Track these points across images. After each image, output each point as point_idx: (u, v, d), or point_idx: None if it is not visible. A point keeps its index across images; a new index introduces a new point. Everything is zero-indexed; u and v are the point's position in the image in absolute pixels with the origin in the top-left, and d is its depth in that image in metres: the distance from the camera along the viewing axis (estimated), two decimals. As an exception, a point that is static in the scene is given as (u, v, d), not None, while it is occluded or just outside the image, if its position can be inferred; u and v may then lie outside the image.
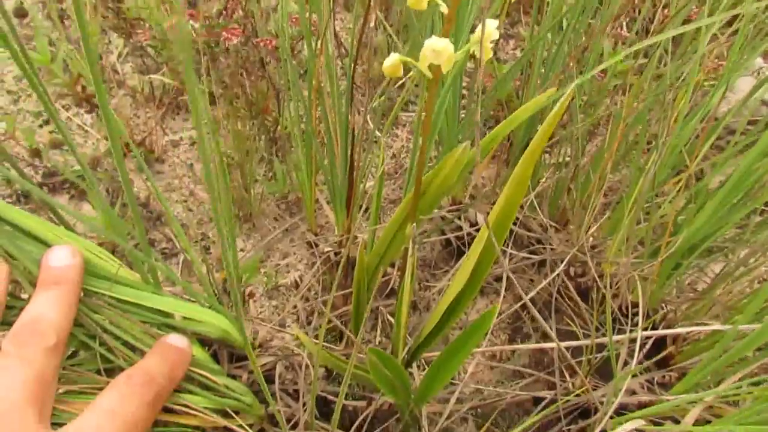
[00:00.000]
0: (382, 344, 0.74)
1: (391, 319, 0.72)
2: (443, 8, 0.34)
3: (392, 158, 1.10)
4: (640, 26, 0.82)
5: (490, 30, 0.34)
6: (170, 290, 0.56)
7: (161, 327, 0.51)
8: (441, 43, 0.32)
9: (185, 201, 0.94)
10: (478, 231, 0.44)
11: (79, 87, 0.98)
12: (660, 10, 0.89)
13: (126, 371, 0.43)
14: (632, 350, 0.62)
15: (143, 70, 1.09)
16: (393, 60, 0.36)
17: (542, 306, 0.79)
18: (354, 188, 0.68)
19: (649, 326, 0.73)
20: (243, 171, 0.87)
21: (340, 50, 1.16)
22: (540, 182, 0.88)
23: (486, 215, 0.38)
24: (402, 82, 1.20)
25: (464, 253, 0.72)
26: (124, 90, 1.07)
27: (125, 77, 1.10)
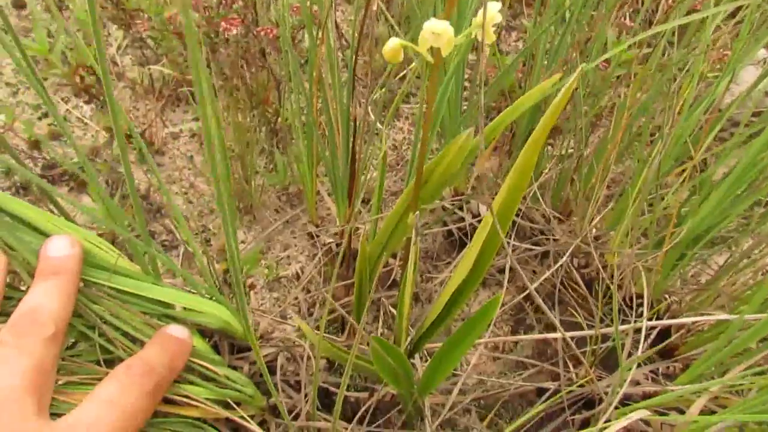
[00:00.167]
0: (385, 336, 0.74)
1: (394, 311, 0.72)
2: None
3: (394, 150, 1.10)
4: (644, 17, 0.82)
5: (492, 13, 0.34)
6: (171, 282, 0.55)
7: (161, 318, 0.50)
8: (440, 25, 0.31)
9: (185, 193, 0.93)
10: (481, 222, 0.43)
11: (78, 77, 0.97)
12: (664, 0, 0.88)
13: (125, 361, 0.43)
14: (637, 341, 0.61)
15: (143, 62, 1.08)
16: (393, 44, 0.35)
17: (545, 297, 0.79)
18: (355, 178, 0.67)
19: (654, 317, 0.72)
20: (243, 163, 0.86)
21: (341, 41, 1.15)
22: (543, 173, 0.87)
23: (489, 205, 0.37)
24: (403, 74, 1.20)
25: (466, 245, 0.71)
26: (124, 82, 1.06)
27: (124, 69, 1.09)
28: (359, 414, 0.56)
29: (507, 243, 0.39)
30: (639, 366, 0.66)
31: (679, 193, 0.74)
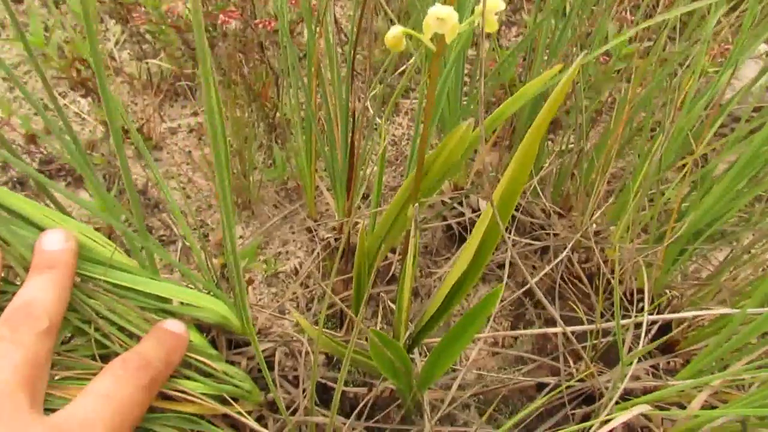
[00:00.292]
0: (384, 330, 0.73)
1: (393, 306, 0.71)
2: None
3: (393, 146, 1.09)
4: (644, 12, 0.81)
5: (494, 1, 0.33)
6: (169, 278, 0.55)
7: (158, 312, 0.50)
8: (445, 10, 0.30)
9: (183, 188, 0.93)
10: (481, 216, 0.43)
11: (75, 71, 0.97)
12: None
13: (121, 356, 0.42)
14: (637, 336, 0.61)
15: (140, 57, 1.07)
16: (395, 32, 0.35)
17: (545, 293, 0.78)
18: (354, 172, 0.67)
19: (654, 312, 0.72)
20: (242, 157, 0.86)
21: (341, 37, 1.14)
22: (543, 168, 0.87)
23: (489, 199, 0.37)
24: (402, 70, 1.19)
25: (466, 240, 0.71)
26: (122, 77, 1.06)
27: (122, 64, 1.08)
28: (357, 409, 0.56)
29: (507, 237, 0.39)
30: (639, 361, 0.66)
31: (680, 188, 0.73)
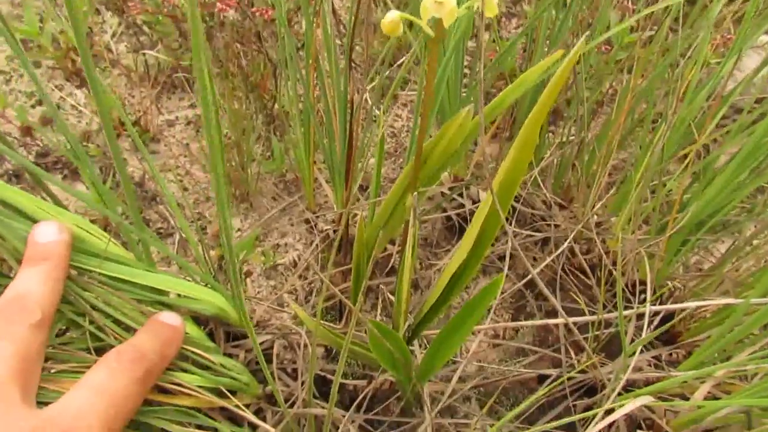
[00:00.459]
0: (383, 322, 0.73)
1: (392, 298, 0.71)
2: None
3: (392, 137, 1.08)
4: (646, 1, 0.80)
5: (495, -17, 0.32)
6: (166, 270, 0.54)
7: (154, 305, 0.49)
8: (443, -7, 0.30)
9: (181, 180, 0.92)
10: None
11: (69, 61, 0.96)
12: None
13: (116, 348, 0.42)
14: (639, 327, 0.60)
15: (137, 49, 1.06)
16: (392, 17, 0.34)
17: (546, 284, 0.78)
18: (352, 161, 0.66)
19: (657, 303, 0.71)
20: (240, 150, 0.85)
21: (339, 28, 1.13)
22: (544, 158, 0.86)
23: (489, 188, 0.36)
24: (401, 62, 1.18)
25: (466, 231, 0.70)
26: (119, 69, 1.05)
27: (119, 56, 1.07)
28: (357, 401, 0.55)
29: (507, 227, 0.38)
30: (642, 352, 0.65)
31: (682, 179, 0.73)
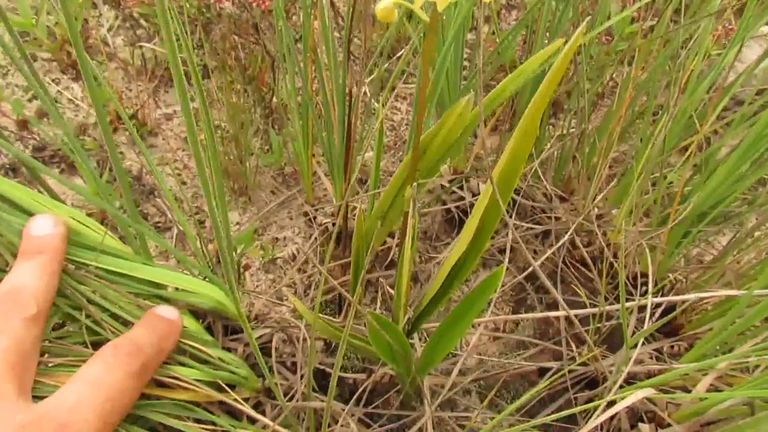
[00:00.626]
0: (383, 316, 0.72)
1: (392, 292, 0.70)
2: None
3: (392, 131, 1.08)
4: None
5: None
6: (165, 264, 0.54)
7: (152, 299, 0.49)
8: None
9: (179, 174, 0.91)
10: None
11: (65, 53, 0.95)
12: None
13: (112, 341, 0.41)
14: (641, 320, 0.60)
15: (134, 42, 1.06)
16: (386, 3, 0.33)
17: (546, 277, 0.77)
18: (351, 153, 0.65)
19: (658, 295, 0.71)
20: (238, 143, 0.84)
21: (337, 20, 1.12)
22: (544, 150, 0.85)
23: (490, 179, 0.35)
24: (400, 55, 1.17)
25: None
26: (116, 63, 1.04)
27: (116, 50, 1.07)
28: (356, 395, 0.55)
29: (508, 218, 0.37)
30: (643, 345, 0.65)
31: (684, 171, 0.72)
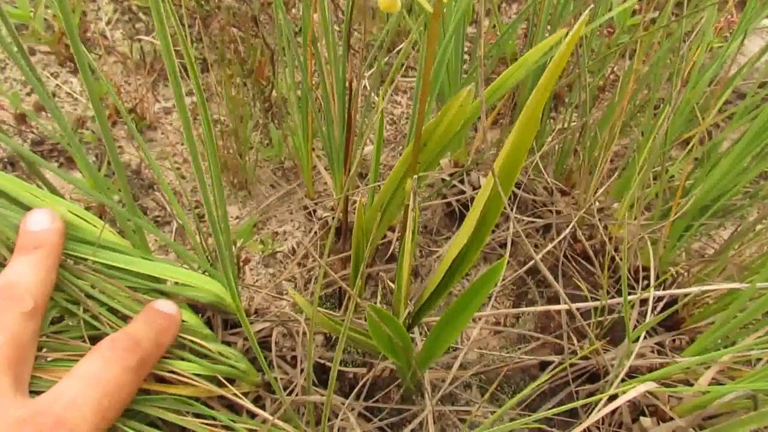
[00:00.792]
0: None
1: (392, 286, 0.70)
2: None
3: (392, 125, 1.07)
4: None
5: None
6: (164, 259, 0.53)
7: (150, 293, 0.48)
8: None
9: (178, 168, 0.91)
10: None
11: (63, 46, 0.94)
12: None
13: (109, 336, 0.41)
14: (643, 313, 0.59)
15: (132, 35, 1.05)
16: (389, -8, 0.33)
17: (548, 271, 0.77)
18: (351, 146, 0.65)
19: (660, 289, 0.70)
20: (237, 137, 0.84)
21: (337, 14, 1.12)
22: (545, 144, 0.85)
23: (491, 170, 0.35)
24: (400, 48, 1.17)
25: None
26: (114, 56, 1.03)
27: (115, 43, 1.06)
28: (356, 389, 0.55)
29: (509, 209, 0.37)
30: (645, 338, 0.65)
31: (685, 164, 0.72)
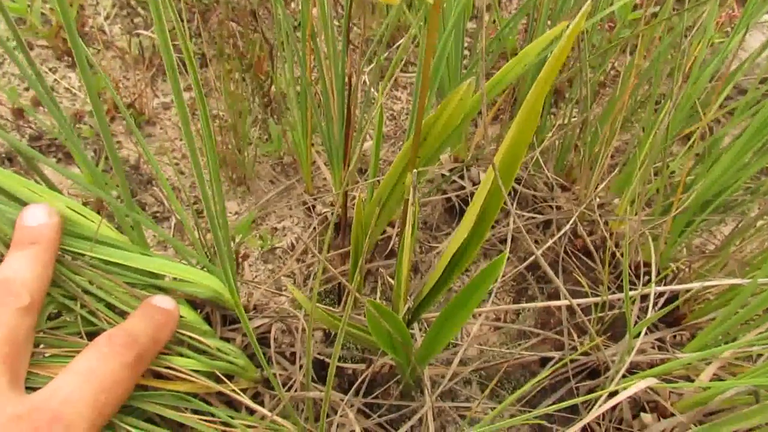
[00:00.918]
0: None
1: (392, 282, 0.70)
2: None
3: (392, 120, 1.07)
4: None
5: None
6: (163, 254, 0.53)
7: (148, 288, 0.48)
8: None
9: (177, 164, 0.91)
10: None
11: (60, 40, 0.94)
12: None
13: (107, 332, 0.41)
14: (643, 309, 0.59)
15: (130, 30, 1.05)
16: (389, -17, 0.32)
17: (548, 266, 0.76)
18: (350, 142, 0.65)
19: (661, 284, 0.70)
20: (236, 132, 0.83)
21: (336, 8, 1.11)
22: (546, 139, 0.84)
23: (492, 164, 0.34)
24: (400, 43, 1.16)
25: (467, 213, 0.69)
26: (113, 51, 1.03)
27: (113, 38, 1.06)
28: (355, 385, 0.54)
29: (510, 205, 0.37)
30: (645, 334, 0.64)
31: (687, 159, 0.71)
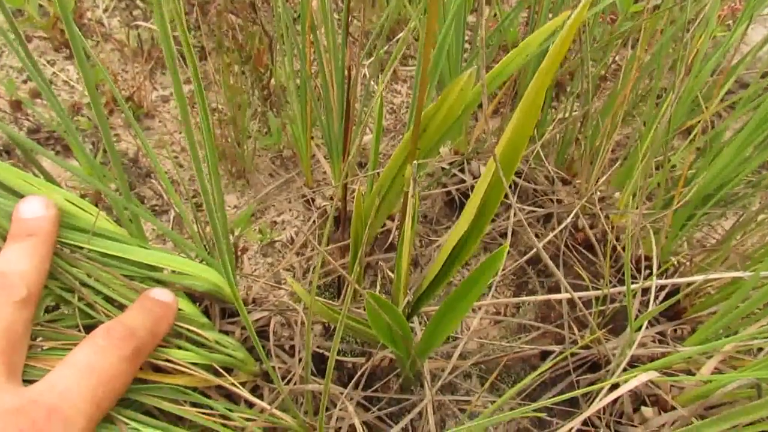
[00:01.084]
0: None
1: (392, 275, 0.69)
2: None
3: (392, 114, 1.06)
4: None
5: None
6: (162, 247, 0.53)
7: (146, 281, 0.48)
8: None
9: (176, 157, 0.90)
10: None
11: (58, 31, 0.93)
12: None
13: (104, 324, 0.40)
14: (644, 303, 0.59)
15: (129, 22, 1.04)
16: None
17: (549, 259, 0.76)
18: (350, 135, 0.64)
19: (662, 278, 0.70)
20: (236, 125, 0.83)
21: (336, 2, 1.11)
22: (547, 132, 0.84)
23: (492, 154, 0.34)
24: (400, 36, 1.16)
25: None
26: (112, 44, 1.02)
27: (112, 31, 1.05)
28: (355, 378, 0.54)
29: (510, 196, 0.36)
30: (646, 328, 0.64)
31: (688, 153, 0.71)
